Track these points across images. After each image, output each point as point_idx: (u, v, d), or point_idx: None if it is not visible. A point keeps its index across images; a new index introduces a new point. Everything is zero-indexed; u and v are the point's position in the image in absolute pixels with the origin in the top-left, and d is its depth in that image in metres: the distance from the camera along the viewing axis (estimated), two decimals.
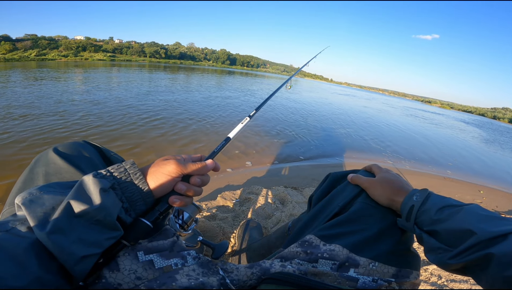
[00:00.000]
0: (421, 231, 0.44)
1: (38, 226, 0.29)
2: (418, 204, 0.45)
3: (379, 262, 0.45)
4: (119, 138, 2.85)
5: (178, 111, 4.47)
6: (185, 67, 32.89)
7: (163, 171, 0.40)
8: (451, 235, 0.39)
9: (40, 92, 5.10)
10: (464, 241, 0.37)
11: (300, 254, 0.49)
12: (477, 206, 0.41)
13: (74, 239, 0.30)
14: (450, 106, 61.41)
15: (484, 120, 27.82)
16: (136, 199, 0.38)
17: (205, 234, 1.15)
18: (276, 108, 5.94)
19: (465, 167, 3.95)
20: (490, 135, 10.53)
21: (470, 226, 0.37)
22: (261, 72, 79.94)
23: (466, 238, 0.36)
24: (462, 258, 0.36)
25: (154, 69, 18.79)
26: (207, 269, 0.43)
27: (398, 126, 7.03)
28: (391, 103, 20.46)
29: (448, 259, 0.38)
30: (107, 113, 3.79)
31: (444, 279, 1.16)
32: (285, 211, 1.42)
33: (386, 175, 0.55)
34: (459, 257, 0.37)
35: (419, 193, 0.47)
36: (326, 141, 3.90)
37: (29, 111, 3.56)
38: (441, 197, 0.46)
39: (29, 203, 0.31)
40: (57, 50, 48.52)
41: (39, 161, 0.49)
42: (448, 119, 14.48)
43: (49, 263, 0.29)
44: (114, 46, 62.52)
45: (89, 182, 0.34)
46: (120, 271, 0.36)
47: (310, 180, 2.24)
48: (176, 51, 78.45)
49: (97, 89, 6.06)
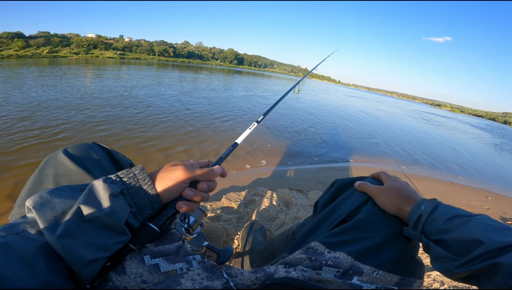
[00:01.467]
0: (428, 240, 0.44)
1: (48, 229, 0.30)
2: (427, 214, 0.45)
3: (383, 270, 0.45)
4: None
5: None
6: (195, 66, 33.22)
7: (170, 177, 0.40)
8: (459, 245, 0.39)
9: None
10: (472, 250, 0.37)
11: (304, 261, 0.49)
12: (487, 216, 0.41)
13: (83, 243, 0.31)
14: (460, 110, 60.16)
15: (495, 125, 27.14)
16: (144, 204, 0.38)
17: (209, 235, 1.16)
18: (286, 110, 5.94)
19: (475, 173, 3.87)
20: (501, 140, 10.27)
21: (478, 236, 0.37)
22: (269, 72, 79.83)
23: (474, 248, 0.37)
24: (469, 267, 0.36)
25: (177, 69, 19.64)
26: (211, 273, 0.44)
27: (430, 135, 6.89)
28: (404, 107, 20.16)
29: (455, 268, 0.38)
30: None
31: (447, 285, 1.14)
32: (290, 214, 1.41)
33: (394, 183, 0.55)
34: (466, 266, 0.37)
35: (428, 203, 0.47)
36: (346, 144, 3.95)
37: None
38: (450, 207, 0.46)
39: (40, 207, 0.31)
40: (68, 47, 49.37)
41: (48, 162, 0.50)
42: (465, 125, 14.16)
43: (58, 266, 0.30)
44: (124, 44, 63.35)
45: (99, 187, 0.34)
46: (127, 274, 0.36)
47: (315, 182, 2.23)
48: (184, 50, 78.99)
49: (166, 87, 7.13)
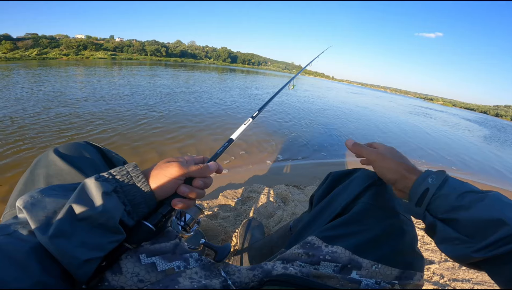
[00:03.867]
0: (435, 218, 0.39)
1: (40, 229, 0.29)
2: (434, 188, 0.39)
3: (382, 264, 0.44)
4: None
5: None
6: (187, 65, 32.96)
7: (165, 174, 0.40)
8: (475, 225, 0.34)
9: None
10: (492, 232, 0.32)
11: (302, 256, 0.48)
12: (500, 194, 0.36)
13: (76, 243, 0.30)
14: (452, 103, 60.97)
15: (489, 118, 27.59)
16: (139, 202, 0.38)
17: (207, 233, 1.15)
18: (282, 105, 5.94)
19: (473, 167, 3.93)
20: (494, 133, 10.45)
21: (499, 215, 0.32)
22: (263, 69, 79.65)
23: (495, 229, 0.32)
24: (490, 251, 0.32)
25: (177, 68, 19.48)
26: (209, 271, 0.43)
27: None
28: (400, 102, 20.33)
29: (473, 253, 0.33)
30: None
31: (446, 278, 1.15)
32: (287, 210, 1.42)
33: (391, 148, 0.51)
34: (486, 250, 0.32)
35: (435, 175, 0.41)
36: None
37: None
38: (460, 181, 0.40)
39: (31, 207, 0.31)
40: (58, 49, 48.41)
41: (39, 162, 0.49)
42: (467, 121, 14.24)
43: (52, 267, 0.29)
44: (115, 45, 62.37)
45: (91, 185, 0.33)
46: (123, 274, 0.36)
47: (312, 178, 2.24)
48: (177, 49, 78.18)
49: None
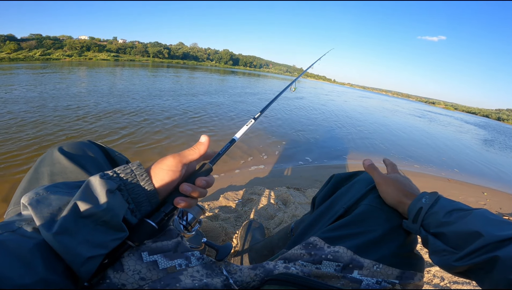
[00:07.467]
0: (427, 233, 0.44)
1: (45, 226, 0.29)
2: (427, 207, 0.45)
3: (383, 264, 0.45)
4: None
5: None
6: (190, 67, 33.09)
7: (162, 167, 0.40)
8: (458, 238, 0.39)
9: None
10: (470, 243, 0.36)
11: (304, 256, 0.49)
12: (486, 210, 0.41)
13: (80, 240, 0.30)
14: (454, 107, 60.93)
15: (491, 122, 27.47)
16: (142, 200, 0.38)
17: (208, 235, 1.15)
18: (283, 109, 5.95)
19: (471, 169, 3.92)
20: (495, 136, 10.42)
21: (477, 228, 0.36)
22: (264, 72, 79.88)
23: (473, 241, 0.36)
24: (467, 261, 0.36)
25: (182, 70, 19.55)
26: (210, 270, 0.43)
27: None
28: (404, 105, 20.38)
29: (454, 262, 0.38)
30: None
31: (447, 280, 1.15)
32: (288, 212, 1.42)
33: (399, 176, 0.56)
34: (465, 260, 0.36)
35: (429, 196, 0.47)
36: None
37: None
38: (450, 200, 0.46)
39: (36, 203, 0.31)
40: (61, 50, 48.68)
41: (44, 160, 0.49)
42: (463, 124, 14.27)
43: (55, 264, 0.29)
44: (117, 46, 62.73)
45: (96, 183, 0.34)
46: (125, 271, 0.36)
47: (313, 181, 2.24)
48: (179, 51, 78.54)
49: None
